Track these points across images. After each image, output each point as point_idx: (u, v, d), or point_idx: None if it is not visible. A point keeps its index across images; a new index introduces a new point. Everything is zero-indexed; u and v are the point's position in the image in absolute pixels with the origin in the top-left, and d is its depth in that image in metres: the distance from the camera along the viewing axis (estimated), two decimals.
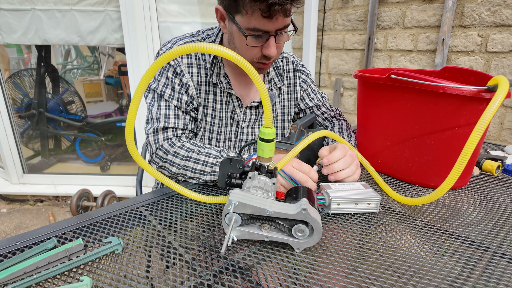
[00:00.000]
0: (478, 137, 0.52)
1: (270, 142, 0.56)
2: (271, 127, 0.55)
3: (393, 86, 0.75)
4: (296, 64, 1.03)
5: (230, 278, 0.48)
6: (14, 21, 2.14)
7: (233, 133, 0.96)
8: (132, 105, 0.53)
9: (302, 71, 1.05)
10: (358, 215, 0.65)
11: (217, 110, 0.92)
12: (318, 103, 1.07)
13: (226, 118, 0.94)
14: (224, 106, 0.92)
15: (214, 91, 0.90)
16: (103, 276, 0.49)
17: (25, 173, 2.65)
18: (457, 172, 0.54)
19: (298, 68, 1.04)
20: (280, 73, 1.00)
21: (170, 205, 0.70)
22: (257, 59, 0.79)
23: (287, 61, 1.02)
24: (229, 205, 0.50)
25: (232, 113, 0.93)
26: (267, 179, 0.58)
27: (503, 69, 1.62)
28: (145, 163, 0.61)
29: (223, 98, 0.91)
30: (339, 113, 1.10)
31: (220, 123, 0.94)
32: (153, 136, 0.83)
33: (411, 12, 1.90)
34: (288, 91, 1.03)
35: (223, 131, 0.95)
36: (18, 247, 0.55)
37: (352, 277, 0.48)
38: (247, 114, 0.95)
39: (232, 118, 0.94)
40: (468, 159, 0.53)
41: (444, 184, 0.57)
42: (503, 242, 0.56)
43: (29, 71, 2.66)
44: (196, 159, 0.78)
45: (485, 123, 0.52)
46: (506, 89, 0.55)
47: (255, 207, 0.50)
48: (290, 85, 1.03)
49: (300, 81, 1.04)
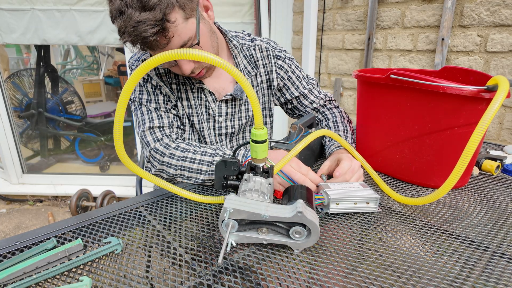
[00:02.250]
0: (479, 137, 0.52)
1: (262, 143, 0.55)
2: (262, 128, 0.54)
3: (392, 86, 0.75)
4: (271, 50, 0.96)
5: (229, 278, 0.48)
6: (13, 21, 2.13)
7: (211, 128, 0.95)
8: (118, 114, 0.52)
9: (279, 57, 0.97)
10: (358, 214, 0.65)
11: (193, 107, 0.91)
12: (304, 91, 1.00)
13: (202, 114, 0.93)
14: (198, 102, 0.91)
15: (186, 88, 0.89)
16: (102, 276, 0.49)
17: (25, 173, 2.65)
18: (458, 172, 0.54)
19: (273, 54, 0.96)
20: (254, 61, 0.94)
21: (170, 205, 0.70)
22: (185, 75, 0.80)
23: (260, 48, 0.95)
24: (224, 212, 0.50)
25: (207, 108, 0.92)
26: (262, 179, 0.58)
27: (503, 69, 1.63)
28: (136, 167, 0.61)
29: (195, 94, 0.90)
30: (330, 99, 1.04)
31: (199, 119, 0.93)
32: (144, 138, 0.85)
33: (410, 12, 1.91)
34: (266, 79, 0.97)
35: (202, 127, 0.94)
36: (18, 247, 0.55)
37: (352, 277, 0.48)
38: (223, 108, 0.93)
39: (208, 114, 0.93)
40: (469, 160, 0.53)
41: (445, 185, 0.57)
42: (503, 242, 0.56)
43: (29, 71, 2.66)
44: (192, 158, 0.78)
45: (486, 124, 0.52)
46: (506, 90, 0.55)
47: (250, 212, 0.50)
48: (267, 73, 0.97)
49: (276, 68, 0.97)
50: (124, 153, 0.57)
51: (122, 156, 0.57)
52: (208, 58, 0.47)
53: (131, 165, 0.59)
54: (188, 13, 0.70)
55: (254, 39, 0.97)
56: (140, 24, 0.64)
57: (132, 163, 0.59)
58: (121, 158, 0.57)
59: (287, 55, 0.99)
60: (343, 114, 1.00)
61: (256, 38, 0.97)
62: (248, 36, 0.98)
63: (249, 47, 0.95)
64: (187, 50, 0.47)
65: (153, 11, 0.64)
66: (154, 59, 0.48)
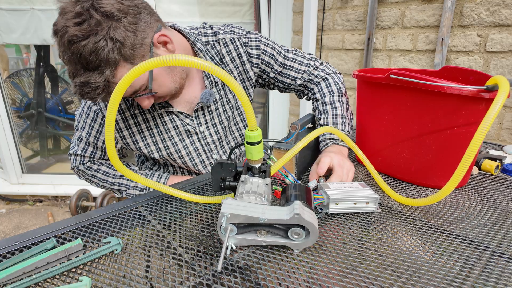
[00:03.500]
0: (481, 138, 0.52)
1: (257, 144, 0.54)
2: (256, 129, 0.53)
3: (392, 86, 0.75)
4: (237, 39, 0.90)
5: (229, 278, 0.48)
6: (13, 21, 2.13)
7: (196, 142, 0.93)
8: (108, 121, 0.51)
9: (246, 44, 0.90)
10: (357, 214, 0.65)
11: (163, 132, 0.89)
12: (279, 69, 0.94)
13: (177, 134, 0.90)
14: (168, 126, 0.89)
15: (152, 116, 0.87)
16: (102, 276, 0.49)
17: (24, 173, 2.65)
18: (461, 174, 0.54)
19: (240, 43, 0.90)
20: (220, 61, 0.90)
21: (170, 205, 0.70)
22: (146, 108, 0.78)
23: (225, 42, 0.89)
24: (222, 217, 0.49)
25: (183, 127, 0.90)
26: (260, 180, 0.57)
27: (502, 69, 1.63)
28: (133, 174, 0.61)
29: (162, 119, 0.88)
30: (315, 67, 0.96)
31: (174, 142, 0.91)
32: (70, 156, 0.97)
33: (410, 12, 1.91)
34: (239, 72, 0.92)
35: (180, 148, 0.92)
36: (17, 247, 0.55)
37: (352, 277, 0.48)
38: (200, 117, 0.91)
39: (186, 131, 0.91)
40: (472, 161, 0.53)
41: (447, 186, 0.57)
42: (502, 242, 0.56)
43: (28, 71, 2.65)
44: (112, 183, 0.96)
45: (488, 125, 0.52)
46: (507, 90, 0.55)
47: (247, 216, 0.49)
48: (239, 65, 0.91)
49: (248, 57, 0.91)
50: (118, 161, 0.56)
51: (117, 165, 0.57)
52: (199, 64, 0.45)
53: (128, 172, 0.59)
54: (138, 62, 0.67)
55: (216, 32, 0.91)
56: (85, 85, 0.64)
57: (128, 171, 0.59)
58: (116, 166, 0.57)
59: (252, 37, 0.92)
60: (331, 88, 0.93)
61: (218, 31, 0.91)
62: (210, 30, 0.92)
63: (213, 44, 0.90)
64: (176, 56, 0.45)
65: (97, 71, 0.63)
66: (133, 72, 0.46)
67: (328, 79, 0.96)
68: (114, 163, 0.55)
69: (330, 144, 0.86)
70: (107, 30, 0.61)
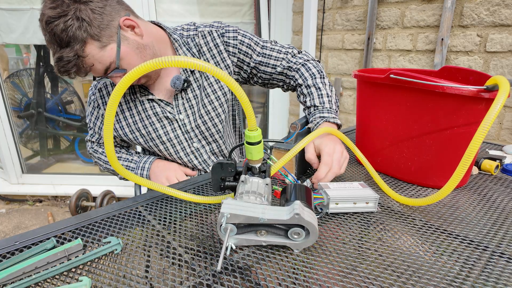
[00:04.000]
0: (481, 139, 0.52)
1: (257, 144, 0.54)
2: (255, 129, 0.53)
3: (392, 86, 0.75)
4: (215, 31, 0.94)
5: (229, 278, 0.48)
6: (13, 21, 2.13)
7: (177, 129, 0.97)
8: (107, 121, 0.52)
9: (223, 35, 0.94)
10: (357, 214, 0.65)
11: (144, 119, 0.95)
12: (258, 58, 0.95)
13: (158, 120, 0.95)
14: (149, 112, 0.94)
15: (134, 104, 0.94)
16: (102, 276, 0.49)
17: (24, 173, 2.65)
18: (460, 173, 0.54)
19: (217, 34, 0.94)
20: (197, 52, 0.93)
21: (169, 205, 0.70)
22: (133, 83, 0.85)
23: (203, 34, 0.94)
24: (222, 217, 0.49)
25: (164, 113, 0.94)
26: (260, 180, 0.57)
27: (502, 69, 1.63)
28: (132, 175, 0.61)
29: (143, 106, 0.94)
30: (293, 54, 0.97)
31: (154, 128, 0.96)
32: (86, 143, 1.10)
33: (410, 12, 1.91)
34: (216, 62, 0.95)
35: (161, 134, 0.96)
36: (17, 247, 0.55)
37: (351, 277, 0.48)
38: (179, 105, 0.94)
39: (166, 118, 0.95)
40: (472, 161, 0.53)
41: (447, 186, 0.57)
42: (502, 241, 0.56)
43: (28, 71, 2.65)
44: None
45: (488, 125, 0.52)
46: (507, 90, 0.55)
47: (247, 216, 0.49)
48: (214, 55, 0.94)
49: (225, 46, 0.94)
50: (117, 163, 0.57)
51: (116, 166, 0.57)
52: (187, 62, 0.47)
53: (127, 173, 0.60)
54: (105, 41, 0.76)
55: (198, 27, 0.96)
56: (59, 60, 0.74)
57: (127, 172, 0.60)
58: (115, 168, 0.57)
59: (230, 29, 0.95)
60: (312, 71, 0.94)
61: (201, 25, 0.96)
62: (193, 26, 0.97)
63: (193, 37, 0.94)
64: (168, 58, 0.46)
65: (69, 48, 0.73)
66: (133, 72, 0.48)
67: (307, 64, 0.97)
68: (110, 159, 0.55)
69: (321, 122, 0.84)
70: (75, 11, 0.72)
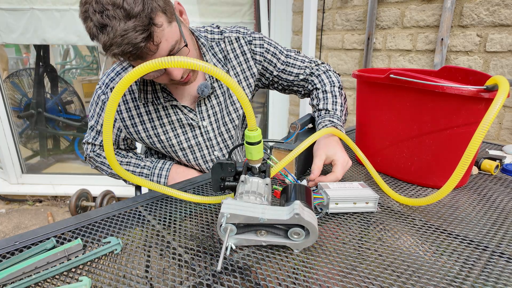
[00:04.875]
0: (480, 138, 0.52)
1: (257, 144, 0.54)
2: (255, 129, 0.53)
3: (392, 86, 0.75)
4: (242, 38, 0.95)
5: (229, 278, 0.48)
6: (12, 21, 2.13)
7: (199, 136, 0.95)
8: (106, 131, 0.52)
9: (250, 42, 0.95)
10: (357, 214, 0.65)
11: (166, 124, 0.92)
12: (282, 67, 0.97)
13: (180, 127, 0.93)
14: (171, 118, 0.92)
15: (155, 108, 0.90)
16: (102, 276, 0.49)
17: (24, 173, 2.64)
18: (460, 173, 0.55)
19: (245, 41, 0.94)
20: (223, 57, 0.93)
21: (169, 205, 0.70)
22: (172, 82, 0.79)
23: (230, 40, 0.94)
24: (222, 217, 0.49)
25: (187, 120, 0.92)
26: (259, 180, 0.57)
27: (502, 69, 1.63)
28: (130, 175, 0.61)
29: (166, 111, 0.91)
30: (317, 64, 1.00)
31: (176, 134, 0.93)
32: (83, 145, 1.01)
33: (410, 12, 1.91)
34: (242, 70, 0.95)
35: (182, 140, 0.94)
36: (17, 247, 0.55)
37: (351, 277, 0.48)
38: (203, 112, 0.93)
39: (189, 125, 0.93)
40: (471, 160, 0.54)
41: (446, 185, 0.57)
42: (502, 241, 0.56)
43: (28, 71, 2.65)
44: None
45: (487, 125, 0.52)
46: (507, 90, 0.55)
47: (247, 216, 0.49)
48: (241, 63, 0.95)
49: (252, 54, 0.95)
50: (116, 163, 0.56)
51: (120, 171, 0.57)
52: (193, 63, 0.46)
53: (125, 173, 0.59)
54: (170, 17, 0.71)
55: (223, 31, 0.95)
56: (128, 32, 0.63)
57: (126, 172, 0.59)
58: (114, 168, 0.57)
59: (257, 36, 0.96)
60: (332, 79, 0.96)
61: (225, 30, 0.95)
62: (217, 29, 0.96)
63: (218, 42, 0.93)
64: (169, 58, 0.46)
65: (139, 17, 0.64)
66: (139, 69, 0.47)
67: (328, 73, 0.99)
68: (110, 161, 0.55)
69: (329, 125, 0.83)
70: None
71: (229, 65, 0.94)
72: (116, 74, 0.89)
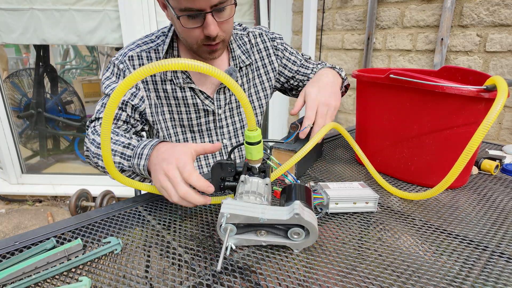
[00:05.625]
0: (480, 139, 0.53)
1: (257, 144, 0.55)
2: (255, 129, 0.54)
3: (392, 86, 0.75)
4: (265, 34, 1.01)
5: (229, 278, 0.48)
6: (12, 21, 2.13)
7: (211, 122, 0.96)
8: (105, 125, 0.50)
9: (273, 39, 1.01)
10: (357, 214, 0.65)
11: (181, 105, 0.92)
12: (303, 63, 1.04)
13: (196, 111, 0.93)
14: (188, 101, 0.91)
15: (173, 88, 0.90)
16: (102, 276, 0.49)
17: (24, 173, 2.64)
18: (459, 168, 0.56)
19: (267, 38, 1.00)
20: (247, 49, 0.97)
21: (169, 205, 0.70)
22: (202, 42, 0.77)
23: (254, 35, 0.99)
24: (222, 217, 0.49)
25: (203, 106, 0.93)
26: (259, 180, 0.57)
27: (502, 69, 1.63)
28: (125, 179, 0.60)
29: (184, 93, 0.91)
30: (324, 65, 1.08)
31: (190, 117, 0.93)
32: (87, 128, 0.84)
33: (410, 12, 1.91)
34: (262, 65, 1.00)
35: (196, 123, 0.95)
36: (17, 247, 0.55)
37: (351, 277, 0.48)
38: (221, 100, 0.94)
39: (204, 110, 0.93)
40: (468, 160, 0.54)
41: (443, 182, 0.57)
42: (502, 241, 0.56)
43: (28, 71, 2.65)
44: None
45: (487, 126, 0.53)
46: (506, 91, 0.56)
47: (247, 216, 0.49)
48: (263, 57, 1.00)
49: (274, 50, 1.01)
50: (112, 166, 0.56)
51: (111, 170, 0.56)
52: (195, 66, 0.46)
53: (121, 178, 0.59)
54: None
55: (246, 28, 1.00)
56: None
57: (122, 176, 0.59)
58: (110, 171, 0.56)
59: (277, 36, 1.03)
60: (328, 65, 1.02)
61: (247, 27, 1.00)
62: (239, 26, 1.00)
63: (241, 36, 0.97)
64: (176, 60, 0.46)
65: None
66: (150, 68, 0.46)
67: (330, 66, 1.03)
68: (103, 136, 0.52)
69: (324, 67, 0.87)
70: None
71: (252, 57, 0.98)
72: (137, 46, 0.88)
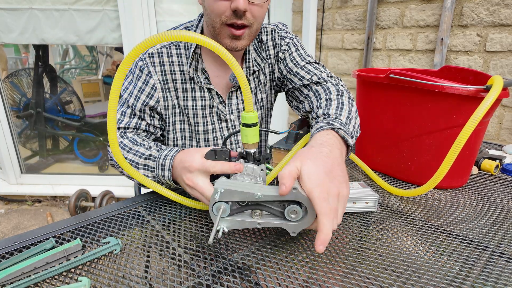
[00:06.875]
0: (468, 134, 0.54)
1: (253, 126, 0.54)
2: (252, 111, 0.53)
3: (392, 86, 0.75)
4: (278, 31, 0.93)
5: (229, 278, 0.48)
6: (11, 21, 2.13)
7: (225, 129, 0.94)
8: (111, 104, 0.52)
9: (283, 37, 0.92)
10: (357, 214, 0.65)
11: (198, 107, 0.90)
12: (294, 69, 0.90)
13: (211, 115, 0.92)
14: (205, 103, 0.89)
15: (192, 87, 0.88)
16: (101, 276, 0.49)
17: (23, 173, 2.64)
18: (450, 161, 0.58)
19: (279, 35, 0.92)
20: (262, 46, 0.92)
21: (169, 205, 0.70)
22: (226, 19, 0.74)
23: (265, 30, 0.92)
24: (215, 193, 0.47)
25: (217, 109, 0.91)
26: (254, 166, 0.56)
27: (502, 69, 1.63)
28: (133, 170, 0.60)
29: (202, 94, 0.89)
30: (329, 75, 0.87)
31: (205, 121, 0.91)
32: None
33: (410, 11, 1.91)
34: (269, 64, 0.94)
35: (209, 129, 0.93)
36: (16, 247, 0.55)
37: (351, 277, 0.48)
38: (232, 105, 0.92)
39: (218, 115, 0.92)
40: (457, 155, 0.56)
41: (433, 178, 0.60)
42: (502, 241, 0.56)
43: (27, 71, 2.65)
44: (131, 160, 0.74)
45: (476, 120, 0.54)
46: (498, 89, 0.56)
47: (243, 192, 0.47)
48: (270, 56, 0.93)
49: (280, 49, 0.93)
50: (119, 152, 0.56)
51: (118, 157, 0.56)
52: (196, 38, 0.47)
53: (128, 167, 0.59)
54: None
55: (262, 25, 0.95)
56: None
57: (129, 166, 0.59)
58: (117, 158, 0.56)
59: (289, 35, 0.94)
60: (339, 88, 0.81)
61: (264, 24, 0.95)
62: None
63: (254, 27, 0.91)
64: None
65: None
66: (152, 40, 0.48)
67: (338, 85, 0.84)
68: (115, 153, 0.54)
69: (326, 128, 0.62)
70: None
71: (263, 53, 0.94)
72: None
